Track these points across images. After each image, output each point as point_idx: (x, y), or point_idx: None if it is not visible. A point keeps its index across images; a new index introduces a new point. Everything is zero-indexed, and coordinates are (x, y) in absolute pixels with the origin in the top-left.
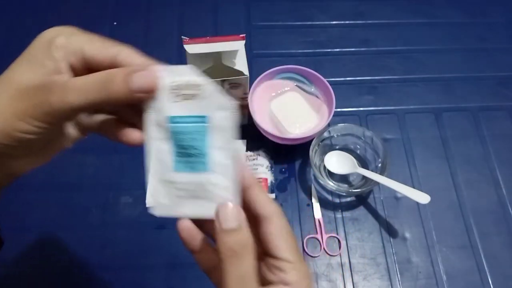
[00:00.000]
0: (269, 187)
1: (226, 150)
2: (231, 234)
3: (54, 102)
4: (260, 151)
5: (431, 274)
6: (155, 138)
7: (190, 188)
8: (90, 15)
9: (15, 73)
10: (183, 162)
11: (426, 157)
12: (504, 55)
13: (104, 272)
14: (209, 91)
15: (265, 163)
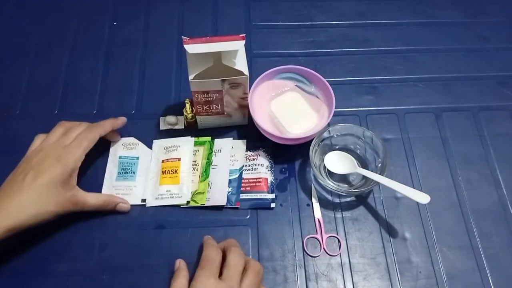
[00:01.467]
0: (269, 186)
1: (145, 172)
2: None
3: (77, 208)
4: (260, 151)
5: (431, 274)
6: (110, 166)
7: (123, 188)
8: (90, 15)
9: (55, 189)
10: (122, 176)
11: (426, 157)
12: (504, 55)
13: (104, 273)
14: (140, 146)
15: (265, 163)
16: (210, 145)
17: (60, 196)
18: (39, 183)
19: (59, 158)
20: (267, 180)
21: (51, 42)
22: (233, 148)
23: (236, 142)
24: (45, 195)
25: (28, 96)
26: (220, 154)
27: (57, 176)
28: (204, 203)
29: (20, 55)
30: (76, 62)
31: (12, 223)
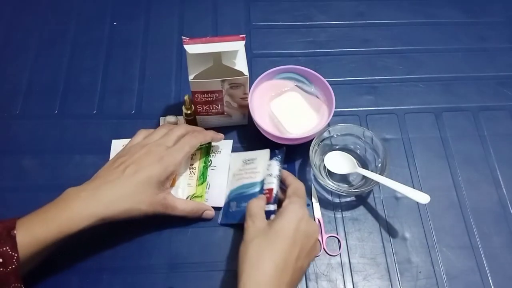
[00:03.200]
0: (274, 197)
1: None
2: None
3: (166, 211)
4: (273, 160)
5: (431, 274)
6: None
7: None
8: (90, 15)
9: (149, 188)
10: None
11: (426, 157)
12: (504, 55)
13: (103, 273)
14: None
15: (275, 172)
16: (207, 150)
17: (153, 196)
18: (138, 178)
19: (161, 158)
20: (272, 191)
21: (51, 42)
22: (256, 158)
23: (259, 152)
24: (141, 192)
25: (28, 96)
26: (219, 156)
27: (156, 175)
28: None
29: (20, 55)
30: (76, 62)
31: (106, 213)
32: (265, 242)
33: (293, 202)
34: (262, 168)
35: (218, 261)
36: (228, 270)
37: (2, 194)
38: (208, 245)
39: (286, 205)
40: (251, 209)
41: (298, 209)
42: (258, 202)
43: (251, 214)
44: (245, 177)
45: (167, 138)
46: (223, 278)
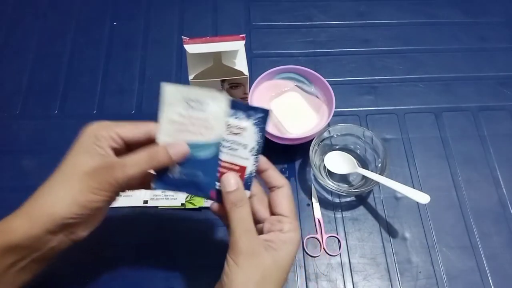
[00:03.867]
0: (245, 180)
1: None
2: (232, 194)
3: (117, 175)
4: (250, 122)
5: (431, 274)
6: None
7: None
8: (90, 15)
9: (76, 160)
10: None
11: (426, 157)
12: (504, 55)
13: (104, 272)
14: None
15: (251, 144)
16: None
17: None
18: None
19: None
20: (244, 171)
21: (51, 42)
22: (208, 103)
23: (212, 94)
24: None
25: (28, 96)
26: None
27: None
28: (202, 205)
29: (20, 55)
30: (76, 62)
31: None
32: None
33: (296, 230)
34: (218, 123)
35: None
36: None
37: (2, 194)
38: (208, 245)
39: (292, 236)
40: (236, 232)
41: (299, 239)
42: (244, 211)
43: (238, 247)
44: (191, 131)
45: None
46: None
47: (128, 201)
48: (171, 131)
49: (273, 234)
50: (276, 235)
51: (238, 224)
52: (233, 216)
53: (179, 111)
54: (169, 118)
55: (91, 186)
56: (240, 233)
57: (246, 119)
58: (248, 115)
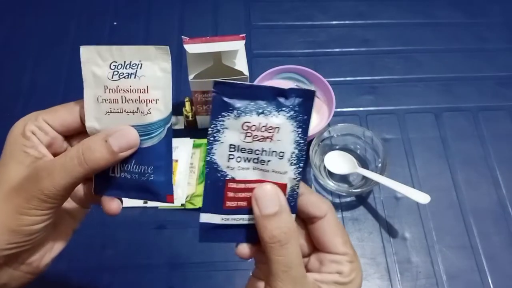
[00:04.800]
0: (288, 200)
1: None
2: (272, 220)
3: (45, 189)
4: (284, 116)
5: (431, 274)
6: None
7: None
8: (90, 16)
9: (4, 173)
10: None
11: (426, 157)
12: (504, 55)
13: (104, 272)
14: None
15: (289, 149)
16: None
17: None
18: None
19: None
20: (285, 189)
21: (52, 42)
22: (142, 67)
23: (147, 52)
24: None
25: (29, 96)
26: None
27: None
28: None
29: (21, 56)
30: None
31: None
32: None
33: (359, 270)
34: (162, 93)
35: (218, 261)
36: (228, 270)
37: None
38: (208, 245)
39: (357, 282)
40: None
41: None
42: (293, 251)
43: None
44: (125, 110)
45: None
46: (223, 278)
47: (128, 201)
48: (100, 114)
49: (329, 276)
50: (334, 279)
51: (282, 272)
52: (274, 258)
53: (104, 83)
54: (94, 96)
55: (18, 205)
56: (286, 285)
57: (276, 112)
58: (279, 104)
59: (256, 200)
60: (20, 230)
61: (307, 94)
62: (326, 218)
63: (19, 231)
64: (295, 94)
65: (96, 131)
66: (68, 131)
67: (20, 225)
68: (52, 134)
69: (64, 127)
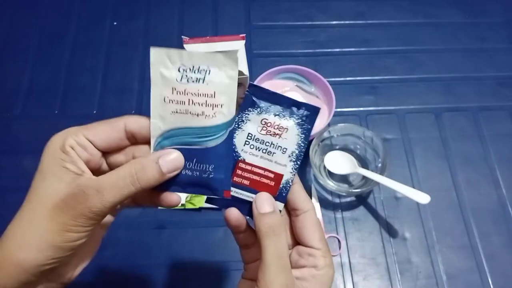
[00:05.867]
0: (280, 190)
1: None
2: (267, 217)
3: (93, 207)
4: (291, 120)
5: (431, 274)
6: None
7: None
8: (90, 16)
9: (43, 190)
10: None
11: (426, 157)
12: (504, 55)
13: (104, 272)
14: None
15: (292, 147)
16: None
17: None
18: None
19: None
20: (280, 179)
21: (51, 42)
22: (210, 73)
23: (217, 59)
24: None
25: (29, 96)
26: None
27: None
28: (202, 205)
29: (20, 55)
30: (76, 62)
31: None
32: None
33: (331, 266)
34: (228, 99)
35: (218, 261)
36: (228, 270)
37: (3, 194)
38: (208, 245)
39: (329, 275)
40: (271, 269)
41: (333, 274)
42: (282, 242)
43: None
44: (191, 112)
45: None
46: (223, 278)
47: None
48: (166, 113)
49: (306, 271)
50: (310, 273)
51: (275, 259)
52: (268, 246)
53: (172, 85)
54: (161, 95)
55: (64, 223)
56: (277, 272)
57: (288, 117)
58: (291, 112)
59: (256, 202)
60: (63, 246)
61: (314, 110)
62: (309, 213)
63: (63, 247)
64: (305, 108)
65: (159, 128)
66: (109, 148)
67: (65, 241)
68: (91, 151)
69: (106, 143)
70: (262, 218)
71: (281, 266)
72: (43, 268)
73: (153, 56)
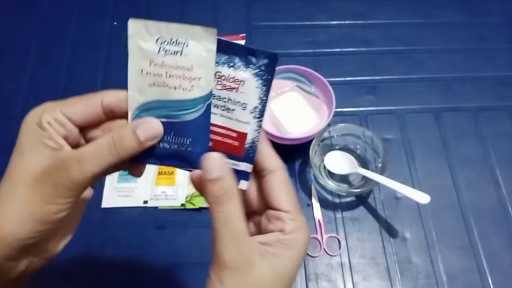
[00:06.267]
0: (246, 150)
1: (146, 173)
2: (215, 183)
3: (74, 176)
4: (250, 72)
5: (431, 274)
6: None
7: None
8: (90, 16)
9: (22, 164)
10: (123, 177)
11: (426, 157)
12: (504, 55)
13: (104, 272)
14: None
15: (253, 103)
16: None
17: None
18: None
19: None
20: (245, 138)
21: (51, 42)
22: (187, 44)
23: (196, 31)
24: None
25: (29, 96)
26: None
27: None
28: (202, 205)
29: (21, 55)
30: (77, 62)
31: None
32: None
33: (302, 229)
34: (206, 72)
35: None
36: None
37: None
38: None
39: (297, 238)
40: (219, 239)
41: (308, 239)
42: (231, 208)
43: (223, 260)
44: (168, 85)
45: None
46: None
47: (128, 201)
48: (143, 85)
49: (272, 235)
50: (276, 237)
51: (222, 227)
52: (216, 215)
53: (150, 57)
54: (138, 68)
55: (44, 194)
56: (226, 240)
57: (244, 68)
58: (248, 62)
59: (204, 167)
60: (46, 219)
61: (272, 57)
62: (276, 173)
63: (45, 221)
64: (263, 55)
65: (137, 101)
66: (87, 123)
67: (47, 214)
68: (68, 127)
69: (83, 119)
70: (209, 186)
71: (231, 234)
72: (24, 242)
73: (131, 28)
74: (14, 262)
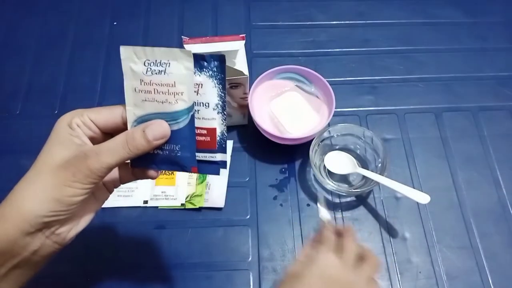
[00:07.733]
0: (218, 141)
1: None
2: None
3: (91, 165)
4: (204, 74)
5: (431, 274)
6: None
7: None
8: (90, 16)
9: (50, 154)
10: None
11: (426, 157)
12: (504, 55)
13: (104, 272)
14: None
15: (213, 100)
16: None
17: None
18: None
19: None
20: (215, 133)
21: (51, 42)
22: (169, 63)
23: (174, 53)
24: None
25: (28, 96)
26: None
27: None
28: (202, 205)
29: (20, 55)
30: (76, 62)
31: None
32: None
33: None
34: (186, 87)
35: (218, 261)
36: (227, 270)
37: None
38: (208, 245)
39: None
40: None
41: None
42: None
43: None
44: (157, 100)
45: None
46: (222, 278)
47: (128, 201)
48: (137, 101)
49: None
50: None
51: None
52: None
53: (140, 77)
54: (132, 86)
55: (64, 178)
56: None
57: (199, 72)
58: (201, 66)
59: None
60: (62, 200)
61: (221, 58)
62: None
63: (62, 201)
64: (213, 59)
65: (134, 114)
66: (108, 129)
67: (64, 195)
68: (94, 130)
69: (105, 125)
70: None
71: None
72: (42, 219)
73: (122, 54)
74: (29, 238)
